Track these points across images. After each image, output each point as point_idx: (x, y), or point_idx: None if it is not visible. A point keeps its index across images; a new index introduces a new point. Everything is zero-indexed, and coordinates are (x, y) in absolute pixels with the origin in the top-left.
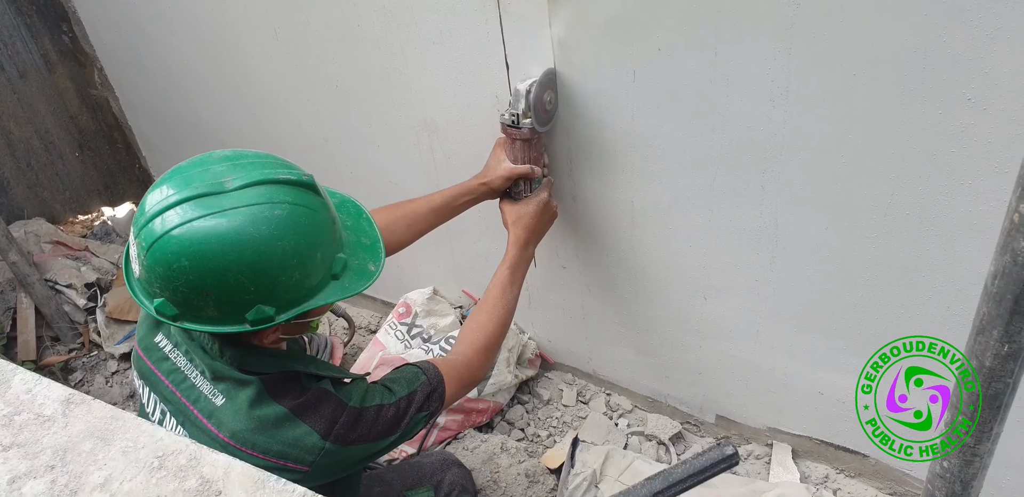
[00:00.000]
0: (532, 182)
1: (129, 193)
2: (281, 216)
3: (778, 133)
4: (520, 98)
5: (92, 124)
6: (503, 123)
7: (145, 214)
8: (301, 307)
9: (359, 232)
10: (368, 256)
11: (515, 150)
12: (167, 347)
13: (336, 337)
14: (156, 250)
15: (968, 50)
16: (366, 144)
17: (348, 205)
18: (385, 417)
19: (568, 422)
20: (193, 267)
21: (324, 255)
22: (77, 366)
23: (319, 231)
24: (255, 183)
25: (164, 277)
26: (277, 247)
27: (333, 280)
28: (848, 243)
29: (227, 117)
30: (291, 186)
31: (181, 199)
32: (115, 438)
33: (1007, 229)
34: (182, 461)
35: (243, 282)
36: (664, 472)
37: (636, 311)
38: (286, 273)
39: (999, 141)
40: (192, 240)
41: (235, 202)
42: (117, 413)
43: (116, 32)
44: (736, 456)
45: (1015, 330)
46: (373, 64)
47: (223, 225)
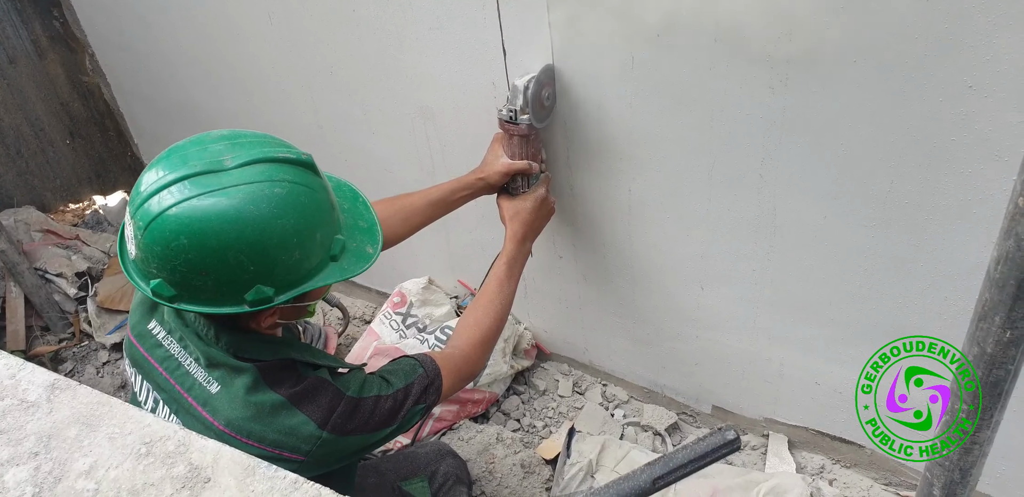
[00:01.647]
0: (530, 178)
1: (121, 181)
2: (281, 194)
3: (777, 121)
4: (518, 94)
5: (83, 111)
6: (501, 119)
7: (141, 194)
8: (300, 288)
9: (356, 215)
10: (366, 239)
11: (513, 146)
12: (161, 334)
13: (331, 327)
14: (154, 229)
15: (970, 37)
16: (361, 131)
17: (344, 189)
18: (383, 408)
19: (564, 413)
20: (192, 245)
21: (323, 235)
22: (67, 356)
23: (319, 211)
24: (255, 161)
25: (162, 256)
26: (277, 225)
27: (332, 262)
28: (846, 232)
29: (221, 104)
30: (291, 165)
31: (179, 177)
32: (101, 424)
33: (1011, 213)
34: (170, 447)
35: (243, 261)
36: (665, 457)
37: (633, 301)
38: (286, 252)
39: (1000, 129)
40: (191, 218)
41: (235, 180)
42: (103, 399)
43: (108, 17)
44: (738, 441)
45: (1017, 316)
46: (369, 49)
47: (223, 203)
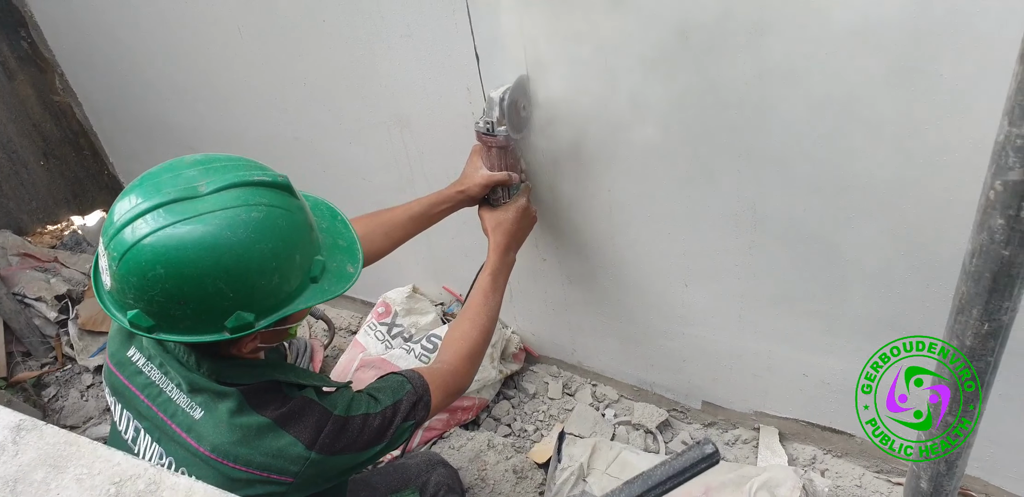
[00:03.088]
0: (510, 188)
1: (98, 201)
2: (258, 218)
3: (752, 116)
4: (494, 106)
5: (56, 131)
6: (478, 131)
7: (114, 224)
8: (281, 312)
9: (335, 234)
10: (346, 258)
11: (491, 157)
12: (140, 361)
13: (316, 339)
14: (129, 259)
15: (942, 26)
16: (338, 141)
17: (322, 207)
18: (371, 426)
19: (555, 415)
20: (169, 275)
21: (303, 258)
22: (50, 381)
23: (297, 233)
24: (229, 186)
25: (138, 287)
26: (256, 250)
27: (312, 283)
28: (826, 224)
29: (194, 119)
30: (266, 188)
31: (153, 206)
32: (69, 465)
33: (983, 206)
34: (140, 486)
35: (221, 288)
36: (644, 474)
37: (618, 301)
38: (265, 277)
39: (976, 118)
40: (167, 247)
41: (210, 206)
42: (71, 438)
43: (75, 36)
44: (717, 455)
45: (994, 308)
46: (341, 59)
47: (199, 230)
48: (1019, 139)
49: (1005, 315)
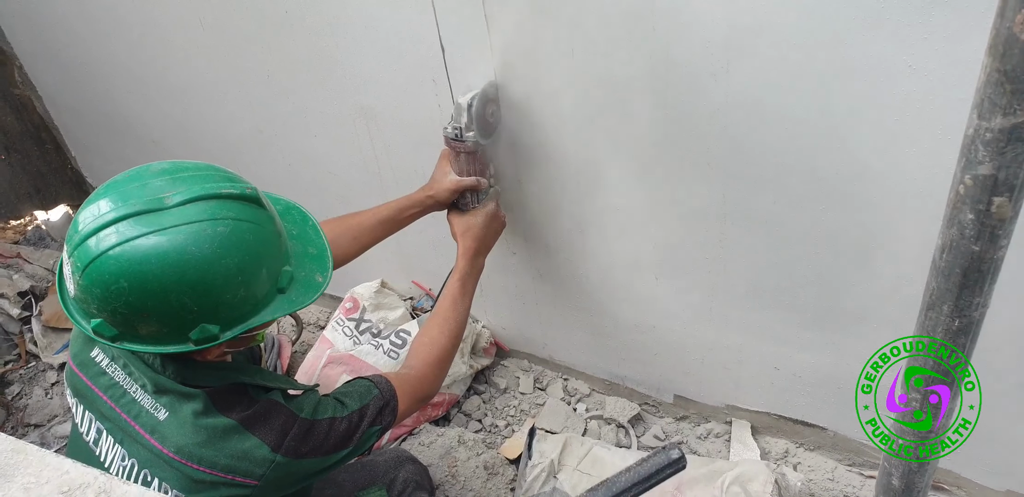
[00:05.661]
0: (479, 193)
1: (62, 195)
2: (224, 233)
3: (720, 109)
4: (463, 112)
5: (17, 125)
6: (446, 136)
7: (79, 232)
8: (246, 324)
9: (306, 241)
10: (315, 267)
11: (460, 162)
12: (104, 361)
13: (284, 336)
14: (93, 271)
15: (907, 16)
16: (302, 134)
17: (293, 212)
18: (337, 430)
19: (526, 410)
20: (133, 288)
21: (270, 270)
22: (14, 379)
23: (264, 246)
24: (196, 199)
25: (102, 298)
26: (221, 265)
27: (279, 294)
28: (796, 216)
29: (157, 112)
30: (234, 200)
31: (118, 217)
32: (16, 474)
33: (952, 201)
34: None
35: (186, 302)
36: (608, 481)
37: (588, 294)
38: (230, 291)
39: (942, 108)
40: (131, 260)
41: (176, 219)
42: (19, 446)
43: (33, 28)
44: (683, 460)
45: (965, 304)
46: (304, 51)
47: (164, 244)
48: (988, 133)
49: (976, 311)
